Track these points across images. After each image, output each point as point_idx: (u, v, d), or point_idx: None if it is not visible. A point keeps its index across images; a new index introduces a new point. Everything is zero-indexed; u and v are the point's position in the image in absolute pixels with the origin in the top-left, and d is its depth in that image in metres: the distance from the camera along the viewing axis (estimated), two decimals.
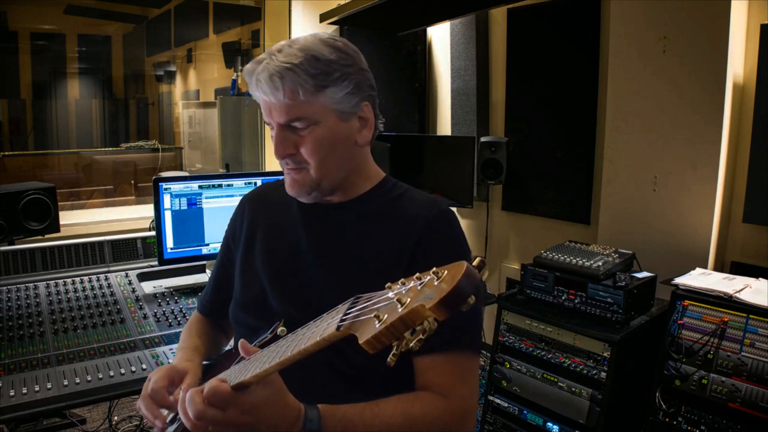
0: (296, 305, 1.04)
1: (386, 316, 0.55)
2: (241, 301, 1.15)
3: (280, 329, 0.80)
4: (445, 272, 0.55)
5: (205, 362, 1.15)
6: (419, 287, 0.55)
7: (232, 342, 1.31)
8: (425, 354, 0.96)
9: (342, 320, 0.62)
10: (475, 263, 0.57)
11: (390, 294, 0.59)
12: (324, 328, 0.65)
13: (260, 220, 1.19)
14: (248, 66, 0.99)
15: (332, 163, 1.03)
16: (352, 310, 0.63)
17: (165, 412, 0.98)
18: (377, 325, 0.54)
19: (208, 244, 2.09)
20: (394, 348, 0.55)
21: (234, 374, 0.80)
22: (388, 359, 0.56)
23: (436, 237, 1.03)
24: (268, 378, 0.77)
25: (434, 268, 0.57)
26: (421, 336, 0.53)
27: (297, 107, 0.96)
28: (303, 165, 1.02)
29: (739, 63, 2.08)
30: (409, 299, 0.54)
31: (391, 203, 1.10)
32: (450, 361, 0.98)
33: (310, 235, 1.10)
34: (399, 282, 0.60)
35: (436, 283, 0.54)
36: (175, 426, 0.97)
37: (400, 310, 0.53)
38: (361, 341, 0.56)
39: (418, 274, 0.58)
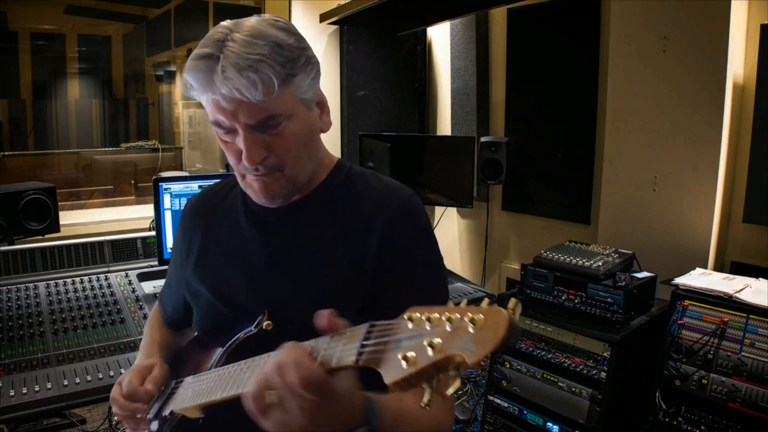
0: (255, 316, 0.94)
1: (414, 355, 0.52)
2: (200, 320, 1.07)
3: (266, 323, 0.77)
4: (482, 318, 0.51)
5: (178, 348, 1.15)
6: (449, 329, 0.52)
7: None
8: None
9: (360, 351, 0.59)
10: (511, 306, 0.52)
11: (409, 325, 0.55)
12: (337, 355, 0.62)
13: (206, 231, 1.08)
14: (197, 63, 0.83)
15: (305, 158, 0.94)
16: (369, 339, 0.59)
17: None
18: (405, 367, 0.52)
19: None
20: (427, 394, 0.53)
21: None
22: (424, 404, 0.53)
23: (401, 227, 0.96)
24: None
25: (466, 308, 0.53)
26: (456, 384, 0.51)
27: (270, 103, 0.84)
28: (276, 167, 0.90)
29: (739, 63, 2.08)
30: (439, 341, 0.51)
31: (350, 193, 1.01)
32: None
33: (263, 242, 1.00)
34: (417, 312, 0.56)
35: (471, 330, 0.50)
36: (160, 423, 0.96)
37: (431, 354, 0.51)
38: (387, 381, 0.54)
39: (446, 313, 0.53)
